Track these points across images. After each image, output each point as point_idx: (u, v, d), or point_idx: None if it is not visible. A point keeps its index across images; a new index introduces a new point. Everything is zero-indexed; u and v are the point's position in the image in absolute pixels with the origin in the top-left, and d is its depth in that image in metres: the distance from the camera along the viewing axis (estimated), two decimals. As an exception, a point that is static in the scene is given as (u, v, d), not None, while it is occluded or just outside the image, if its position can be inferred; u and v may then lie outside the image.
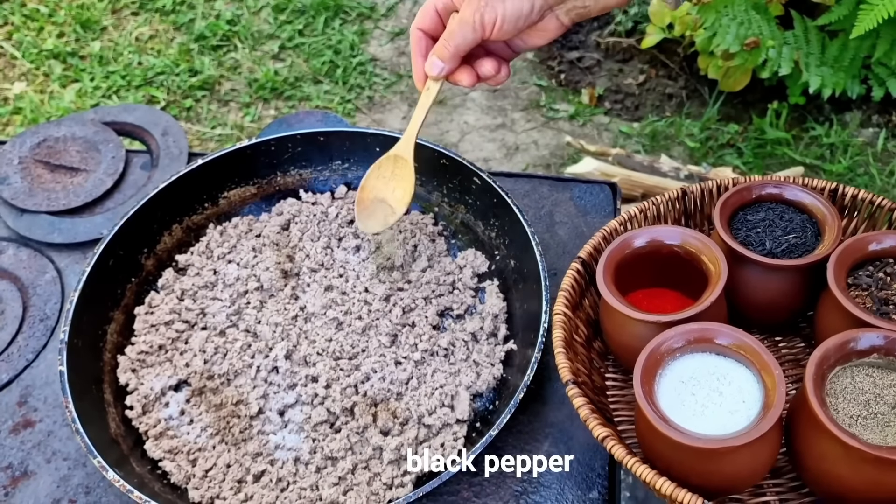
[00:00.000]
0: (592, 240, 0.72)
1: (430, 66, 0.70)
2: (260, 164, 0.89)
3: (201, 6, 2.22)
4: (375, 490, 0.69)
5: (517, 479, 0.70)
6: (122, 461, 0.70)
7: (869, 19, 1.37)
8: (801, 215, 0.71)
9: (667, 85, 1.99)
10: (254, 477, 0.70)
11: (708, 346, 0.60)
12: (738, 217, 0.72)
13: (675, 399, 0.58)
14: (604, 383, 0.71)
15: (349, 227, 0.88)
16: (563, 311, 0.68)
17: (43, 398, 0.78)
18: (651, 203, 0.74)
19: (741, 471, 0.58)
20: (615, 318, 0.67)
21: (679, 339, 0.60)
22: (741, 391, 0.58)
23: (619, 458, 0.57)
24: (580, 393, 0.62)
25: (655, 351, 0.59)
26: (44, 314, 0.84)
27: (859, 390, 0.58)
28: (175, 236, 0.87)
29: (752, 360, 0.59)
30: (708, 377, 0.59)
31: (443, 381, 0.74)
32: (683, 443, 0.54)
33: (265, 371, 0.76)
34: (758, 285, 0.68)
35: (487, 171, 0.83)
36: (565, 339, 0.66)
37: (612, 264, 0.67)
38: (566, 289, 0.69)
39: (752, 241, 0.69)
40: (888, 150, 1.81)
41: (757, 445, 0.55)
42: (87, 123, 1.00)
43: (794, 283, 0.68)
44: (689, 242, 0.68)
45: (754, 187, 0.72)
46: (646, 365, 0.59)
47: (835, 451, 0.55)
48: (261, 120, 1.96)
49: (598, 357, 0.73)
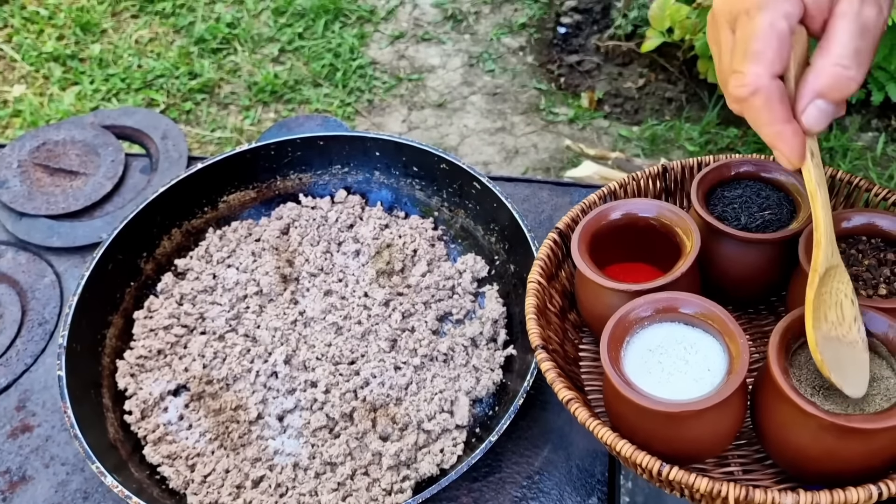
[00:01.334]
0: (571, 211, 0.71)
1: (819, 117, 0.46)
2: (260, 168, 0.89)
3: (201, 9, 2.22)
4: (375, 496, 0.68)
5: (517, 485, 0.70)
6: (121, 466, 0.69)
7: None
8: (779, 193, 0.71)
9: (666, 89, 1.99)
10: (253, 482, 0.70)
11: (676, 315, 0.60)
12: (715, 193, 0.72)
13: (641, 367, 0.58)
14: (577, 354, 0.71)
15: (349, 232, 0.88)
16: (538, 279, 0.67)
17: (41, 402, 0.78)
18: (632, 178, 0.74)
19: (703, 437, 0.58)
20: (588, 287, 0.67)
21: (647, 307, 0.60)
22: (707, 359, 0.58)
23: (581, 421, 0.57)
24: (548, 357, 0.61)
25: (623, 319, 0.59)
26: (42, 318, 0.84)
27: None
28: (174, 240, 0.86)
29: (718, 328, 0.59)
30: (675, 346, 0.59)
31: (442, 387, 0.74)
32: (645, 406, 0.54)
33: (264, 376, 0.76)
34: (732, 259, 0.69)
35: (487, 176, 0.83)
36: (538, 306, 0.65)
37: (587, 235, 0.67)
38: (541, 258, 0.68)
39: (728, 216, 0.69)
40: (887, 154, 1.81)
41: (719, 411, 0.55)
42: (86, 127, 1.00)
43: (768, 258, 0.69)
44: (664, 215, 0.68)
45: (733, 164, 0.72)
46: (613, 333, 0.59)
47: (795, 419, 0.55)
48: (260, 123, 1.96)
49: (572, 328, 0.72)
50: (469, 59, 2.10)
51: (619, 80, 2.03)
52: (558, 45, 2.12)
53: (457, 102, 2.00)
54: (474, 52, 2.11)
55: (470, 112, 1.98)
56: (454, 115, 1.97)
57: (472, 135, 1.93)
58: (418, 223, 0.88)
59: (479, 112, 1.98)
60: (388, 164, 0.89)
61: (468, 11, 2.22)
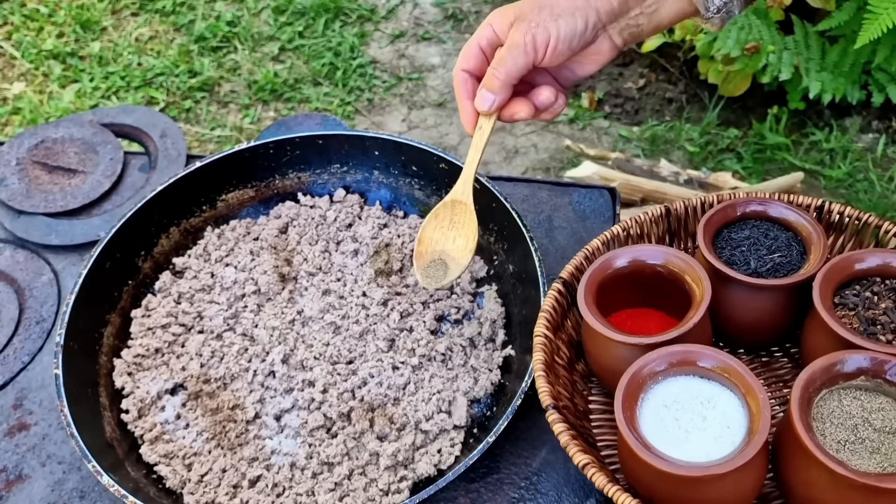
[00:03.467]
0: (574, 259, 0.70)
1: (480, 101, 0.66)
2: (258, 167, 0.89)
3: (201, 7, 2.22)
4: (372, 496, 0.68)
5: (514, 486, 0.70)
6: (118, 465, 0.69)
7: (874, 28, 1.36)
8: (787, 233, 0.70)
9: (667, 89, 1.99)
10: (249, 482, 0.70)
11: (691, 368, 0.59)
12: (722, 235, 0.71)
13: (657, 424, 0.57)
14: (587, 406, 0.70)
15: (347, 231, 0.87)
16: (544, 332, 0.66)
17: (38, 401, 0.78)
18: (634, 221, 0.73)
19: (726, 498, 0.56)
20: (597, 340, 0.66)
21: (661, 361, 0.59)
22: (725, 416, 0.57)
23: (599, 486, 0.56)
24: (560, 419, 0.60)
25: (637, 374, 0.58)
26: (40, 316, 0.84)
27: (847, 414, 0.57)
28: (172, 239, 0.86)
29: (736, 383, 0.57)
30: (691, 401, 0.58)
31: (440, 387, 0.74)
32: (666, 471, 0.53)
33: (262, 375, 0.76)
34: (743, 305, 0.67)
35: (486, 176, 0.83)
36: (546, 361, 0.64)
37: (593, 285, 0.66)
38: (547, 310, 0.67)
39: (737, 261, 0.68)
40: (888, 155, 1.81)
41: (742, 472, 0.54)
42: (85, 125, 0.99)
43: (780, 302, 0.67)
44: (671, 262, 0.66)
45: (738, 205, 0.71)
46: (627, 389, 0.57)
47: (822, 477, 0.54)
48: (260, 121, 1.96)
49: (580, 379, 0.71)
50: (469, 59, 2.09)
51: (620, 81, 2.03)
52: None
53: (456, 103, 2.00)
54: (475, 52, 2.11)
55: (470, 112, 1.98)
56: (454, 115, 1.97)
57: (471, 134, 1.93)
58: (417, 223, 0.87)
59: (479, 112, 1.98)
60: (387, 164, 0.89)
61: (469, 11, 2.22)
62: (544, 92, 0.66)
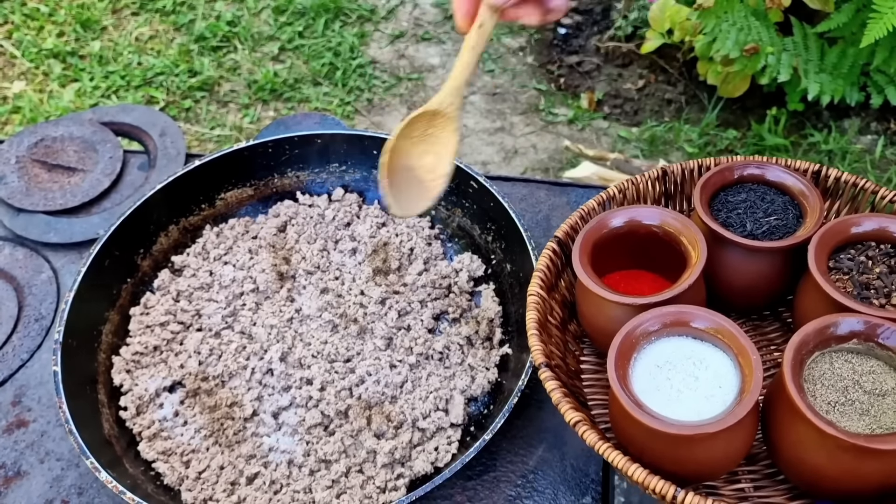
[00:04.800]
0: (569, 219, 0.70)
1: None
2: (257, 165, 0.89)
3: (202, 7, 2.22)
4: (369, 493, 0.69)
5: (511, 484, 0.70)
6: (116, 462, 0.70)
7: (878, 28, 1.37)
8: (783, 197, 0.69)
9: (666, 90, 1.99)
10: (247, 479, 0.70)
11: (684, 329, 0.59)
12: (718, 198, 0.70)
13: (649, 384, 0.57)
14: (578, 367, 0.70)
15: (346, 230, 0.88)
16: (538, 291, 0.65)
17: (37, 398, 0.78)
18: (630, 183, 0.72)
19: (716, 457, 0.57)
20: (591, 300, 0.65)
21: (655, 322, 0.59)
22: (717, 376, 0.57)
23: (590, 444, 0.56)
24: (553, 376, 0.60)
25: (630, 334, 0.58)
26: (39, 314, 0.84)
27: (838, 376, 0.57)
28: (171, 237, 0.87)
29: (729, 344, 0.57)
30: (684, 361, 0.58)
31: (437, 385, 0.74)
32: (657, 429, 0.53)
33: (260, 373, 0.76)
34: (738, 267, 0.67)
35: (485, 175, 0.83)
36: (539, 320, 0.64)
37: (588, 245, 0.65)
38: (541, 269, 0.67)
39: (733, 223, 0.68)
40: (886, 157, 1.81)
41: (732, 432, 0.54)
42: (84, 123, 1.00)
43: (775, 265, 0.67)
44: (667, 223, 0.66)
45: (736, 167, 0.70)
46: (620, 349, 0.57)
47: (811, 438, 0.54)
48: (260, 121, 1.96)
49: (573, 340, 0.71)
50: (469, 59, 2.09)
51: (619, 81, 2.03)
52: (558, 46, 2.12)
53: None
54: (474, 52, 2.11)
55: (469, 112, 1.98)
56: (453, 115, 1.97)
57: (471, 135, 1.93)
58: (415, 222, 0.88)
59: (478, 112, 1.98)
60: (386, 163, 0.89)
61: (468, 11, 2.22)
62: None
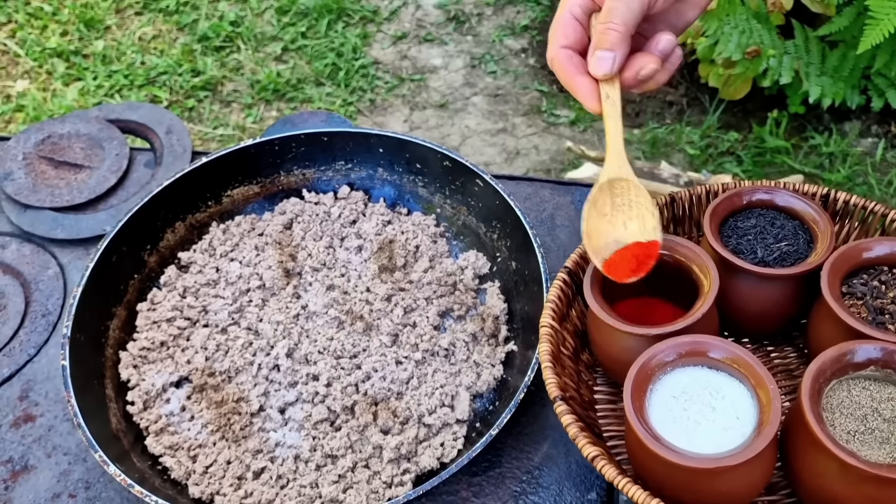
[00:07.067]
0: (579, 248, 0.70)
1: (597, 64, 0.57)
2: (263, 163, 0.90)
3: (205, 7, 2.23)
4: (375, 488, 0.69)
5: (516, 480, 0.70)
6: (123, 456, 0.70)
7: (875, 34, 1.37)
8: (793, 222, 0.70)
9: (667, 92, 2.00)
10: (254, 474, 0.71)
11: (700, 359, 0.59)
12: (728, 224, 0.70)
13: (666, 415, 0.57)
14: (592, 397, 0.70)
15: (351, 228, 0.88)
16: (550, 323, 0.66)
17: (44, 393, 0.78)
18: None
19: (736, 489, 0.56)
20: (604, 330, 0.65)
21: (670, 352, 0.59)
22: (735, 406, 0.57)
23: (609, 479, 0.56)
24: (568, 410, 0.60)
25: (646, 365, 0.58)
26: (46, 310, 0.84)
27: (856, 405, 0.57)
28: (178, 234, 0.87)
29: (746, 374, 0.57)
30: (700, 392, 0.58)
31: (443, 381, 0.75)
32: (677, 462, 0.53)
33: (266, 369, 0.76)
34: (749, 294, 0.67)
35: (489, 174, 0.83)
36: (552, 352, 0.64)
37: (599, 274, 0.65)
38: (552, 300, 0.67)
39: (743, 249, 0.68)
40: (887, 160, 1.82)
41: (753, 464, 0.54)
42: (91, 121, 1.00)
43: (787, 291, 0.67)
44: (678, 251, 0.66)
45: (745, 193, 0.71)
46: (636, 380, 0.57)
47: (832, 468, 0.54)
48: (263, 121, 1.97)
49: (585, 369, 0.71)
50: (471, 61, 2.10)
51: (621, 84, 2.03)
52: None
53: (458, 103, 2.01)
54: (476, 54, 2.12)
55: (471, 113, 1.99)
56: (456, 116, 1.98)
57: (473, 135, 1.94)
58: (421, 220, 0.88)
59: (480, 113, 1.99)
60: (392, 161, 0.90)
61: (471, 13, 2.23)
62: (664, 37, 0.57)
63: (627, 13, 0.55)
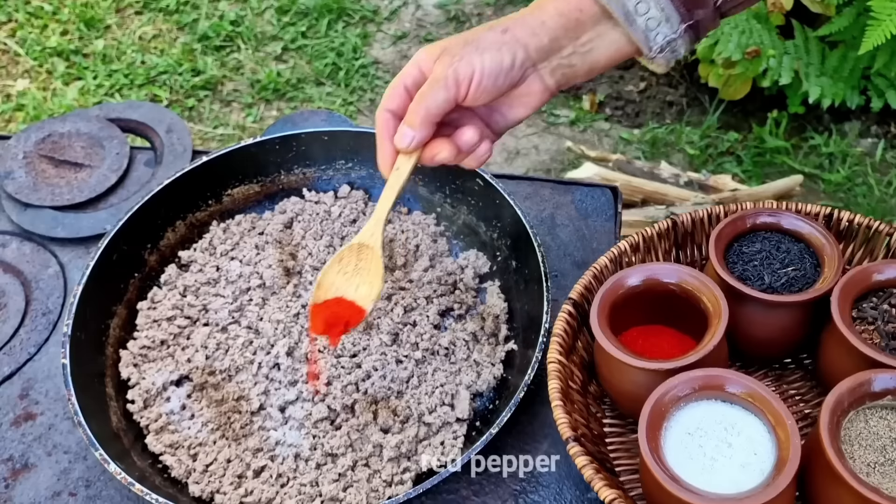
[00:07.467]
0: (583, 279, 0.69)
1: (400, 137, 0.62)
2: (264, 162, 0.90)
3: (205, 6, 2.23)
4: (375, 487, 0.69)
5: (516, 479, 0.70)
6: (124, 455, 0.70)
7: (877, 35, 1.38)
8: (798, 244, 0.69)
9: (667, 92, 2.00)
10: (254, 472, 0.71)
11: (713, 392, 0.58)
12: (732, 249, 0.69)
13: (682, 452, 0.56)
14: (602, 429, 0.69)
15: (352, 227, 0.88)
16: (558, 358, 0.64)
17: (44, 391, 0.78)
18: (640, 236, 0.72)
19: None
20: (613, 365, 0.64)
21: (683, 387, 0.58)
22: (752, 441, 0.56)
23: None
24: (582, 451, 0.59)
25: (659, 402, 0.57)
26: (46, 308, 0.84)
27: (875, 435, 0.56)
28: (178, 233, 0.87)
29: (762, 408, 0.56)
30: (715, 427, 0.57)
31: (443, 380, 0.75)
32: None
33: (266, 367, 0.76)
34: (758, 321, 0.66)
35: (490, 174, 0.83)
36: (562, 389, 0.63)
37: (606, 307, 0.64)
38: (559, 334, 0.66)
39: (750, 276, 0.67)
40: (886, 160, 1.82)
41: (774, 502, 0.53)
42: (91, 120, 1.00)
43: (796, 317, 0.67)
44: (685, 281, 0.65)
45: (748, 216, 0.70)
46: (650, 419, 0.56)
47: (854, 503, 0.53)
48: (263, 121, 1.97)
49: (594, 401, 0.70)
50: (471, 61, 2.10)
51: (621, 84, 2.04)
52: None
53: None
54: (477, 54, 2.12)
55: (471, 113, 1.99)
56: (456, 116, 1.98)
57: (473, 135, 1.94)
58: (421, 219, 0.88)
59: (480, 113, 1.99)
60: (392, 161, 0.89)
61: (471, 13, 2.23)
62: (467, 132, 0.62)
63: (432, 102, 0.60)
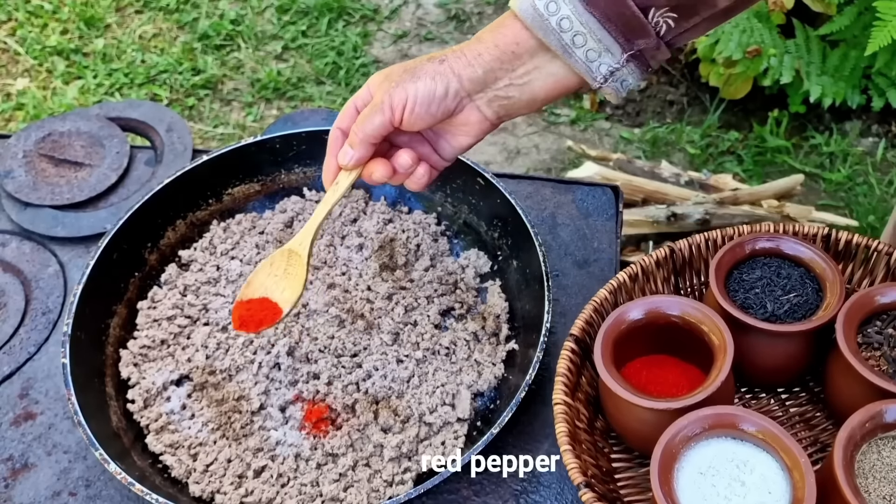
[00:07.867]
0: (583, 314, 0.69)
1: (342, 155, 0.67)
2: (264, 161, 0.90)
3: (205, 5, 2.23)
4: (375, 487, 0.69)
5: (517, 478, 0.70)
6: (124, 454, 0.70)
7: (882, 36, 1.37)
8: (798, 269, 0.68)
9: (668, 92, 2.00)
10: (254, 472, 0.70)
11: (724, 430, 0.57)
12: (732, 277, 0.69)
13: (695, 493, 0.55)
14: (610, 465, 0.68)
15: (352, 226, 0.88)
16: (564, 399, 0.64)
17: (44, 391, 0.78)
18: (639, 265, 0.71)
19: None
20: (620, 404, 0.64)
21: (694, 426, 0.57)
22: (765, 480, 0.55)
23: None
24: (595, 497, 0.58)
25: (670, 443, 0.56)
26: (46, 307, 0.84)
27: (888, 466, 0.56)
28: (178, 232, 0.87)
29: (775, 447, 0.56)
30: (727, 465, 0.56)
31: (444, 380, 0.75)
32: None
33: (267, 367, 0.76)
34: (763, 351, 0.66)
35: (491, 173, 0.83)
36: (570, 432, 0.62)
37: (609, 343, 0.64)
38: (563, 373, 0.65)
39: (752, 304, 0.67)
40: (887, 159, 1.82)
41: None
42: (91, 119, 1.00)
43: (800, 345, 0.66)
44: (688, 313, 0.65)
45: (747, 242, 0.69)
46: (662, 460, 0.55)
47: None
48: (263, 120, 1.97)
49: (601, 437, 0.69)
50: (472, 60, 2.10)
51: (621, 83, 2.03)
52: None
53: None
54: (477, 53, 2.12)
55: (472, 112, 1.98)
56: (456, 115, 1.98)
57: (473, 134, 1.94)
58: (421, 218, 0.88)
59: (481, 112, 1.99)
60: (393, 160, 0.89)
61: (471, 12, 2.23)
62: (402, 155, 0.67)
63: (369, 125, 0.64)
